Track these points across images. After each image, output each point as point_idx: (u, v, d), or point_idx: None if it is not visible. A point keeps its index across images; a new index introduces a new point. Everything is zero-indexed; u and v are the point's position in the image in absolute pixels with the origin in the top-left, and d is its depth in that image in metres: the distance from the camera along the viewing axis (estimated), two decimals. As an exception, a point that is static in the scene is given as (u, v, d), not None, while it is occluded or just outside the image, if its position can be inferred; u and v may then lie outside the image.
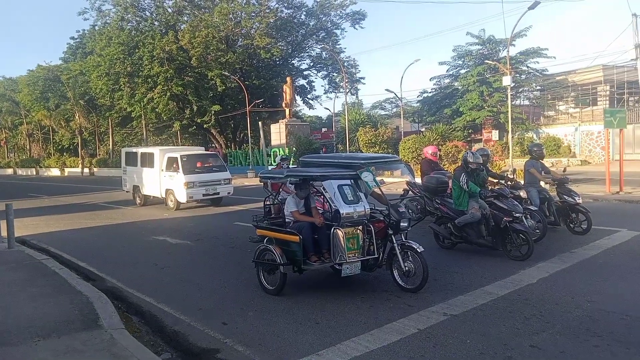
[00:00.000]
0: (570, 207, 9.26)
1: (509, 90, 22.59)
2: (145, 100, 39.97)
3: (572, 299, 5.75)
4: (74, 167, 52.21)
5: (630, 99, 33.41)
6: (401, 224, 6.39)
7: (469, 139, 37.18)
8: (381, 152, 25.45)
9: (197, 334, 5.28)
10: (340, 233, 6.08)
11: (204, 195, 16.24)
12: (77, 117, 53.26)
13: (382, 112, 59.31)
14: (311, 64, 47.13)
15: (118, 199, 20.60)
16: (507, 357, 4.36)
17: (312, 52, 46.60)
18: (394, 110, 57.31)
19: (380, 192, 6.57)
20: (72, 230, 13.13)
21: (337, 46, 44.50)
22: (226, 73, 38.24)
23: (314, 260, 6.30)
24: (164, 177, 16.71)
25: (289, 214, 6.75)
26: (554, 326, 5.00)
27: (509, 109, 22.71)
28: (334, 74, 45.89)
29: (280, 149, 33.58)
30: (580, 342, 4.61)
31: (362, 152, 27.05)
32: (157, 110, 39.99)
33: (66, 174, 52.36)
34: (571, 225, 9.31)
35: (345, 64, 43.64)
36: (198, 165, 16.70)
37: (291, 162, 31.27)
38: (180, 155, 16.41)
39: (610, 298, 5.78)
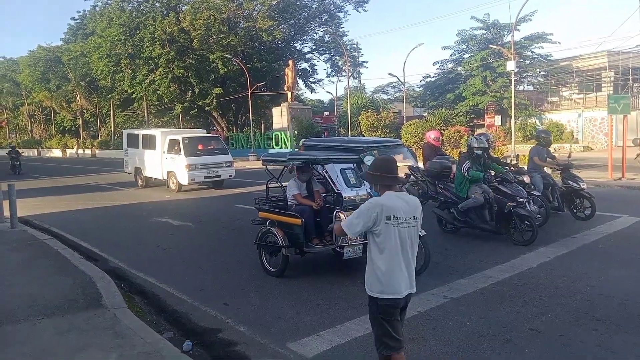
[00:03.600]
0: (575, 193, 9.24)
1: (512, 76, 22.40)
2: (147, 82, 39.72)
3: (572, 284, 5.78)
4: (77, 148, 52.28)
5: (634, 85, 33.13)
6: None
7: (471, 124, 36.96)
8: (383, 137, 25.39)
9: (199, 314, 5.33)
10: (342, 216, 6.09)
11: (205, 177, 16.24)
12: (78, 99, 53.06)
13: (385, 97, 58.93)
14: (313, 47, 46.67)
15: (120, 180, 20.64)
16: (506, 339, 4.40)
17: (315, 35, 46.10)
18: (397, 94, 56.97)
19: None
20: (74, 211, 13.18)
21: (340, 29, 44.03)
22: (228, 56, 37.90)
23: (316, 242, 6.34)
24: (165, 159, 16.70)
25: (291, 197, 6.76)
26: (553, 310, 5.03)
27: (512, 95, 22.56)
28: (337, 57, 45.45)
29: (282, 132, 33.47)
30: (579, 325, 4.65)
31: (364, 137, 26.98)
32: (158, 92, 39.76)
33: (68, 155, 52.42)
34: (575, 210, 9.30)
35: (348, 47, 43.22)
36: (199, 147, 16.67)
37: (289, 146, 31.23)
38: (182, 138, 16.38)
39: (610, 283, 5.80)
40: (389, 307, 3.17)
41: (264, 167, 7.22)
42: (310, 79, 47.14)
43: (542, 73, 37.10)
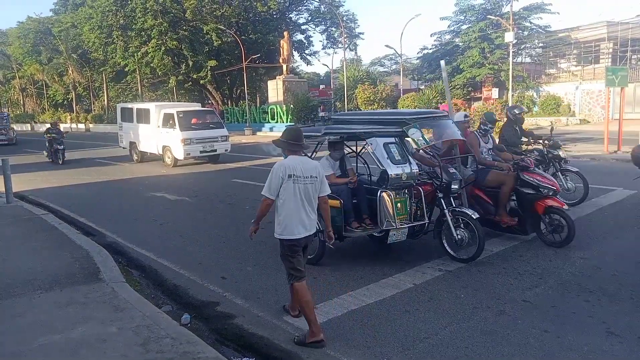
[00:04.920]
0: None
1: (510, 47, 22.23)
2: (139, 54, 39.08)
3: (565, 256, 5.85)
4: (71, 123, 51.72)
5: (633, 56, 32.85)
6: (452, 186, 5.83)
7: (468, 97, 36.79)
8: (380, 110, 25.18)
9: (197, 288, 5.38)
10: (387, 197, 5.53)
11: (201, 152, 16.17)
12: (70, 72, 52.20)
13: (382, 69, 58.24)
14: (309, 18, 45.87)
15: (115, 155, 20.54)
16: (499, 311, 4.48)
17: (310, 5, 45.26)
18: (394, 67, 56.32)
19: (427, 152, 6.12)
20: (70, 186, 13.14)
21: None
22: (222, 27, 37.22)
23: (355, 226, 5.76)
24: (160, 134, 16.58)
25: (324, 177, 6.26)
26: (546, 282, 5.11)
27: (510, 67, 22.42)
28: (333, 28, 44.76)
29: (278, 106, 33.17)
30: (572, 297, 4.73)
31: (361, 110, 26.82)
32: (151, 65, 39.18)
33: (61, 129, 51.86)
34: None
35: (344, 18, 42.50)
36: (194, 121, 16.54)
37: (285, 120, 31.01)
38: (177, 112, 16.23)
39: (603, 255, 5.88)
40: (291, 246, 4.01)
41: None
42: (306, 51, 46.57)
43: (541, 44, 36.74)
